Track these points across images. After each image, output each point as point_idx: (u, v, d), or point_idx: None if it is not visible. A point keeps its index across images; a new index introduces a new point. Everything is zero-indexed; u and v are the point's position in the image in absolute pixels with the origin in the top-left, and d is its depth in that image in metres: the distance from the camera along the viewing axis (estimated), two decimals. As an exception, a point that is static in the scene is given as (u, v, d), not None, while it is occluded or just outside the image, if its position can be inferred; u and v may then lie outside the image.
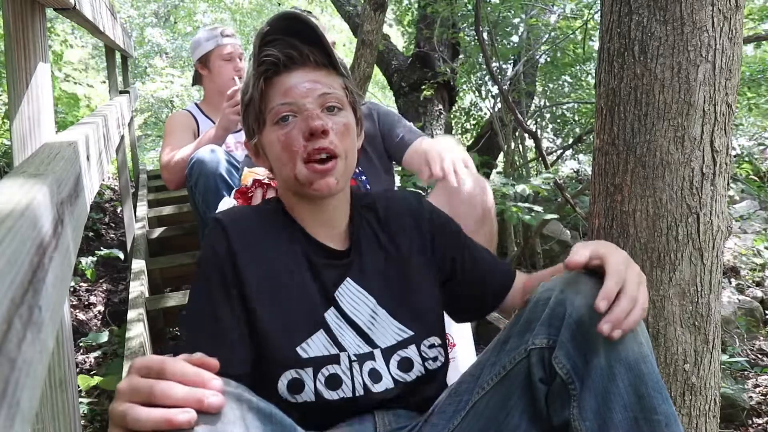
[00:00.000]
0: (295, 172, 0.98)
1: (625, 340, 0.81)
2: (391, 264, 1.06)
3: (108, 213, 3.89)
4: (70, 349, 1.05)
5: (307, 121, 0.97)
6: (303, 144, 0.97)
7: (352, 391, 0.95)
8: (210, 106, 2.65)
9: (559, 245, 3.64)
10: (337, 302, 1.00)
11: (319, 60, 1.01)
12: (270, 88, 1.00)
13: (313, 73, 1.00)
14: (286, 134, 0.98)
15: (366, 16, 3.18)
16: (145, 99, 9.40)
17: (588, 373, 0.81)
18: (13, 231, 0.49)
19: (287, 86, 0.99)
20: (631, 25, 1.19)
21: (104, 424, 1.83)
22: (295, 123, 0.98)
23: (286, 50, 0.99)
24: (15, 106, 1.03)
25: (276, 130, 0.99)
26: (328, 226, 1.05)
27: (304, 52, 1.00)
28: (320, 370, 0.95)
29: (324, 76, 1.01)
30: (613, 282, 0.81)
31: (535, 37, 4.20)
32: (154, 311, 2.10)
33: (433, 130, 4.96)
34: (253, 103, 1.02)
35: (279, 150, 0.99)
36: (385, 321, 1.02)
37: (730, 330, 2.79)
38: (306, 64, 1.00)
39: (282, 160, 0.99)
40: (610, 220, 1.25)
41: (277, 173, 1.05)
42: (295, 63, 1.00)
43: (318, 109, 0.98)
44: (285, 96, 0.98)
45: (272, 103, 0.99)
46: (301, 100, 0.98)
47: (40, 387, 0.50)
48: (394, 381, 0.98)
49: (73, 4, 1.26)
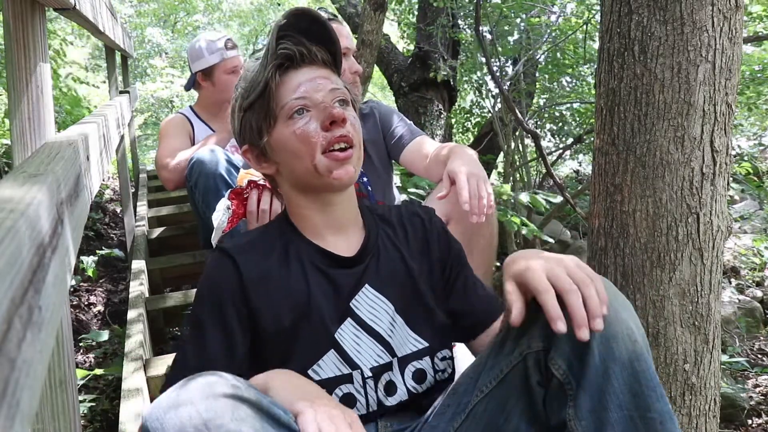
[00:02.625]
0: (315, 162, 0.98)
1: (618, 339, 0.80)
2: (406, 274, 1.06)
3: (108, 213, 3.89)
4: (70, 349, 1.05)
5: (326, 111, 0.98)
6: (322, 134, 0.98)
7: (366, 407, 0.96)
8: (206, 112, 2.65)
9: (559, 245, 3.64)
10: (353, 312, 1.00)
11: (326, 59, 1.03)
12: (280, 85, 1.00)
13: (320, 70, 1.02)
14: (302, 127, 0.98)
15: (366, 16, 3.18)
16: (145, 99, 9.40)
17: (583, 373, 0.81)
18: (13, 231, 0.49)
19: (298, 82, 1.00)
20: (631, 25, 1.19)
21: (104, 424, 1.83)
22: (310, 116, 0.99)
23: (299, 47, 1.00)
24: (15, 106, 1.03)
25: (291, 125, 0.99)
26: (338, 228, 1.04)
27: (313, 50, 1.01)
28: (333, 391, 0.95)
29: (330, 73, 1.03)
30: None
31: (536, 37, 4.20)
32: (154, 311, 2.10)
33: (433, 130, 4.96)
34: (262, 101, 1.01)
35: (295, 143, 0.99)
36: (402, 330, 1.02)
37: (730, 330, 2.79)
38: (314, 62, 1.02)
39: (299, 153, 0.99)
40: (610, 220, 1.25)
41: (288, 172, 1.03)
42: (305, 60, 1.01)
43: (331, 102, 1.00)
44: (297, 91, 0.99)
45: (284, 99, 0.99)
46: (315, 94, 0.99)
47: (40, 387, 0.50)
48: (408, 393, 0.99)
49: (73, 4, 1.26)
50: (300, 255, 1.01)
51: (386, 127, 1.89)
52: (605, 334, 0.80)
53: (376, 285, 1.02)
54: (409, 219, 1.13)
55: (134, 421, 1.36)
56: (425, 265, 1.08)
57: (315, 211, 1.03)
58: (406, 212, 1.15)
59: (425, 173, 1.77)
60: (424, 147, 1.77)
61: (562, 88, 4.59)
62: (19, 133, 1.03)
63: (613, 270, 1.25)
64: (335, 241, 1.03)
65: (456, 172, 1.46)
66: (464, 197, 1.41)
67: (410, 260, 1.07)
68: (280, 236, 1.04)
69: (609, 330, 0.80)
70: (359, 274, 1.02)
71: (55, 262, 0.64)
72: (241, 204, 1.45)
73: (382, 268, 1.04)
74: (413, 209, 1.16)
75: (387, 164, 1.93)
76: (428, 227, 1.12)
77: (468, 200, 1.40)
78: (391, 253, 1.06)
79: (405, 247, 1.08)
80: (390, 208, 1.15)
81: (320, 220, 1.04)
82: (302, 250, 1.02)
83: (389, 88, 5.78)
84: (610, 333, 0.80)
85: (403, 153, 1.82)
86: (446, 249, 1.12)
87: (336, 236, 1.04)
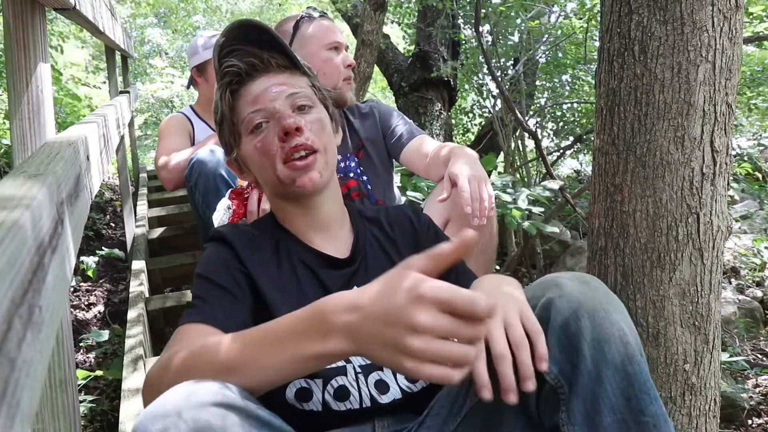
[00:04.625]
0: (277, 173, 0.98)
1: (611, 342, 0.79)
2: None
3: (108, 213, 3.89)
4: (70, 349, 1.05)
5: (279, 121, 0.97)
6: (279, 145, 0.98)
7: (360, 402, 0.95)
8: (205, 110, 2.65)
9: (559, 245, 3.64)
10: None
11: (281, 63, 1.02)
12: (237, 99, 1.01)
13: (277, 76, 1.01)
14: (261, 140, 0.99)
15: (366, 16, 3.18)
16: (146, 99, 9.40)
17: (576, 378, 0.80)
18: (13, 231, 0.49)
19: (254, 94, 0.99)
20: (631, 25, 1.19)
21: (104, 424, 1.83)
22: (269, 128, 0.99)
23: (247, 59, 0.99)
24: (15, 106, 1.03)
25: (252, 139, 1.00)
26: (325, 231, 1.04)
27: (265, 57, 1.00)
28: (329, 381, 0.95)
29: (288, 77, 1.02)
30: None
31: (536, 37, 4.19)
32: (154, 311, 2.10)
33: (433, 130, 4.96)
34: (225, 119, 1.02)
35: (258, 157, 1.00)
36: None
37: (730, 330, 2.79)
38: (269, 70, 1.01)
39: (262, 166, 1.00)
40: (610, 220, 1.25)
41: (262, 182, 1.06)
42: (258, 70, 1.00)
43: (289, 110, 0.99)
44: (254, 104, 0.99)
45: (243, 113, 1.00)
46: (270, 104, 0.98)
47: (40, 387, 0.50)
48: (401, 391, 0.98)
49: (73, 4, 1.26)
50: (290, 253, 1.02)
51: (386, 127, 1.89)
52: (597, 337, 0.79)
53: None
54: (398, 219, 1.13)
55: (134, 421, 1.36)
56: None
57: (298, 214, 1.04)
58: (394, 213, 1.15)
59: (425, 173, 1.77)
60: (424, 146, 1.77)
61: (562, 87, 4.58)
62: (19, 134, 1.03)
63: (613, 270, 1.25)
64: (322, 242, 1.04)
65: (457, 174, 1.47)
66: (466, 200, 1.41)
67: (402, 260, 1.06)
68: (271, 234, 1.05)
69: (601, 333, 0.79)
70: (348, 276, 1.02)
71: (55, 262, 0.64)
72: (241, 204, 1.46)
73: (371, 271, 1.03)
74: (402, 210, 1.17)
75: (387, 164, 1.93)
76: (417, 226, 1.13)
77: (470, 203, 1.41)
78: (379, 255, 1.06)
79: (394, 249, 1.08)
80: (379, 209, 1.16)
81: (303, 222, 1.04)
82: (293, 249, 1.03)
83: (389, 88, 5.77)
84: (602, 336, 0.79)
85: (403, 152, 1.82)
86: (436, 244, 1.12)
87: (322, 237, 1.04)
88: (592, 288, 0.85)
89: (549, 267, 3.53)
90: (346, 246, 1.06)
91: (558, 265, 3.53)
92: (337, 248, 1.04)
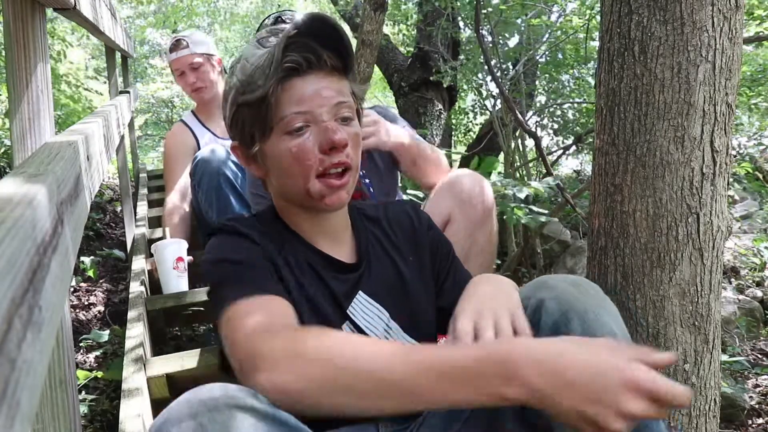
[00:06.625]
0: (308, 186, 0.94)
1: None
2: (399, 280, 1.05)
3: (108, 213, 3.89)
4: (70, 349, 1.05)
5: (327, 134, 0.92)
6: (319, 157, 0.92)
7: None
8: (204, 113, 2.65)
9: (559, 245, 3.63)
10: (350, 317, 0.99)
11: (335, 64, 0.96)
12: (282, 92, 0.93)
13: (327, 78, 0.95)
14: (299, 146, 0.92)
15: (366, 16, 3.17)
16: (146, 99, 9.40)
17: None
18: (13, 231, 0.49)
19: (301, 93, 0.93)
20: (631, 25, 1.19)
21: (104, 424, 1.83)
22: (309, 134, 0.93)
23: (306, 53, 0.93)
24: (15, 106, 1.03)
25: (287, 141, 0.93)
26: (331, 236, 1.03)
27: (323, 56, 0.94)
28: None
29: (336, 81, 0.96)
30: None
31: (536, 37, 4.19)
32: (154, 311, 2.10)
33: (433, 130, 4.96)
34: (258, 107, 0.94)
35: (290, 161, 0.93)
36: (398, 335, 1.01)
37: (730, 330, 2.78)
38: (322, 69, 0.95)
39: (291, 173, 0.94)
40: (610, 220, 1.25)
41: (278, 183, 1.00)
42: (312, 67, 0.94)
43: (333, 121, 0.93)
44: (299, 104, 0.92)
45: (284, 110, 0.93)
46: (317, 109, 0.93)
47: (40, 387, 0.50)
48: None
49: (73, 4, 1.26)
50: (296, 254, 1.00)
51: None
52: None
53: (369, 292, 1.01)
54: (398, 218, 1.12)
55: (134, 421, 1.36)
56: (416, 263, 1.08)
57: (305, 219, 1.01)
58: (394, 210, 1.14)
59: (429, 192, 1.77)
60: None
61: (563, 86, 4.58)
62: (19, 134, 1.03)
63: (613, 270, 1.25)
64: (327, 245, 1.02)
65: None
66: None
67: (402, 265, 1.06)
68: (276, 233, 1.02)
69: (590, 334, 0.81)
70: (353, 281, 1.01)
71: (55, 262, 0.64)
72: None
73: (375, 275, 1.03)
74: (402, 207, 1.16)
75: (392, 169, 1.93)
76: (416, 225, 1.12)
77: None
78: (382, 259, 1.06)
79: (395, 250, 1.08)
80: (377, 207, 1.14)
81: (310, 227, 1.02)
82: (299, 251, 1.00)
83: (389, 88, 5.78)
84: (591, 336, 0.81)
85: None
86: (435, 244, 1.12)
87: (327, 241, 1.03)
88: (583, 290, 0.86)
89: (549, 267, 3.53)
90: (350, 249, 1.05)
91: (558, 265, 3.52)
92: (342, 252, 1.03)
